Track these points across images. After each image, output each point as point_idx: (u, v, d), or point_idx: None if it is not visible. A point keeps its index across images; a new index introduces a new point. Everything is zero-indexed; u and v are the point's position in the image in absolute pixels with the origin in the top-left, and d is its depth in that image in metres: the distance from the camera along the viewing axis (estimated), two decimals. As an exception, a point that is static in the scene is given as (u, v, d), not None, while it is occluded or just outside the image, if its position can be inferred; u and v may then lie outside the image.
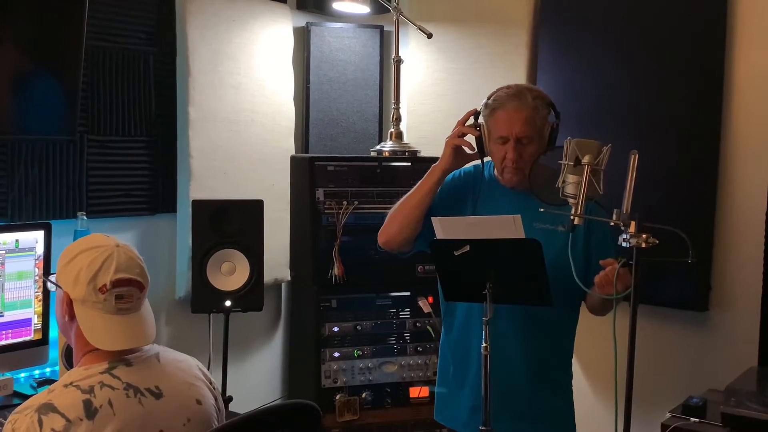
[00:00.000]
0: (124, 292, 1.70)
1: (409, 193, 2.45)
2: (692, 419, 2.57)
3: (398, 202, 2.47)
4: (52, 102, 2.71)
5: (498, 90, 2.36)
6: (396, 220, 2.44)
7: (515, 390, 2.35)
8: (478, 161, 2.41)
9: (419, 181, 2.44)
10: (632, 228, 1.93)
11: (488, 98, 2.35)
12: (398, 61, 3.43)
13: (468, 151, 2.39)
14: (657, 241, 1.93)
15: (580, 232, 2.29)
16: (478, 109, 2.37)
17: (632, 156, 1.97)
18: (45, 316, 2.55)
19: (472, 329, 2.32)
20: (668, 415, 2.62)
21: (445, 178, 2.42)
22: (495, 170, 2.42)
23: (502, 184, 2.37)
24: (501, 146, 2.29)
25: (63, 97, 2.72)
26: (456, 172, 2.47)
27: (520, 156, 2.27)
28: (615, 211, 1.97)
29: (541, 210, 2.13)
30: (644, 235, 1.92)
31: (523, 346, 2.34)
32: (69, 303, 1.71)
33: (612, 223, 1.98)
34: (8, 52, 2.55)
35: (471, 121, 2.38)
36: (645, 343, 2.71)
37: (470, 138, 2.36)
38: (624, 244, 1.95)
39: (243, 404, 2.91)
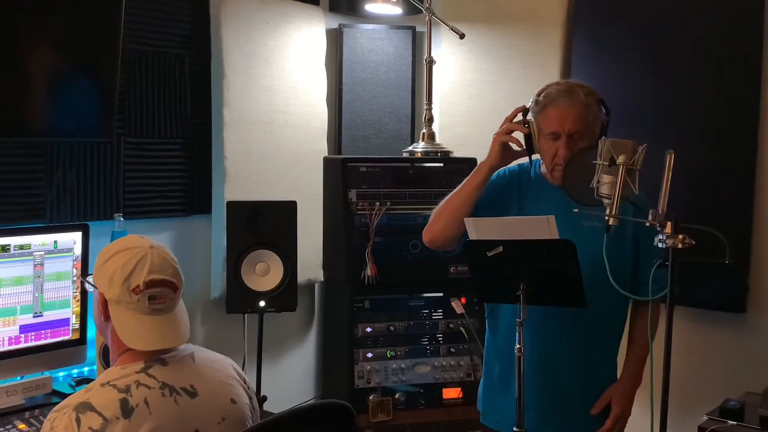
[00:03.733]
0: (158, 292, 1.71)
1: (454, 190, 2.41)
2: (729, 422, 2.53)
3: (443, 200, 2.43)
4: (89, 105, 2.75)
5: (548, 86, 2.33)
6: (441, 218, 2.40)
7: (565, 391, 2.33)
8: (524, 159, 2.38)
9: (465, 179, 2.40)
10: (668, 228, 1.91)
11: (538, 95, 2.32)
12: (430, 62, 3.42)
13: (515, 148, 2.35)
14: (694, 242, 1.90)
15: (629, 232, 2.28)
16: (527, 106, 2.34)
17: (668, 156, 1.95)
18: (83, 316, 2.59)
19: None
20: (705, 417, 2.59)
21: (492, 175, 2.38)
22: (543, 168, 2.39)
23: (549, 182, 2.34)
24: (552, 143, 2.26)
25: (100, 99, 2.76)
26: (501, 170, 2.43)
27: (572, 152, 2.22)
28: (651, 211, 1.95)
29: (575, 210, 2.11)
30: (681, 236, 1.90)
31: (573, 347, 2.32)
32: (104, 303, 1.73)
33: (648, 224, 1.96)
34: (46, 55, 2.60)
35: (519, 117, 2.34)
36: (681, 345, 2.68)
37: (518, 135, 2.33)
38: (660, 245, 1.93)
39: (277, 404, 2.93)
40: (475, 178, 2.37)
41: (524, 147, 2.33)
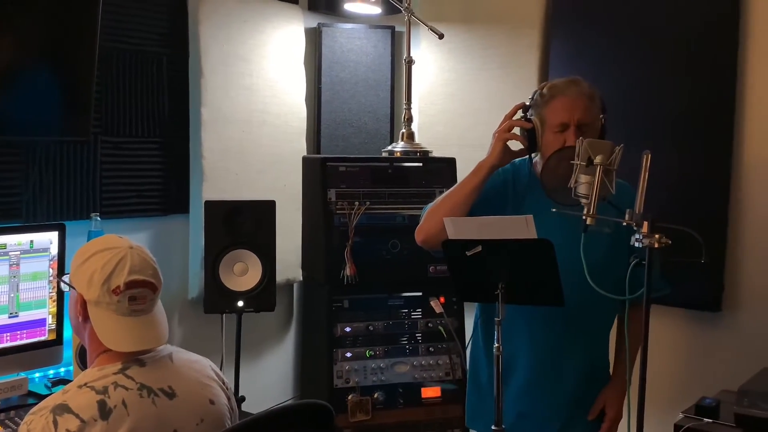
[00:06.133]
0: (138, 293, 1.70)
1: (451, 189, 2.34)
2: (705, 420, 2.56)
3: (439, 199, 2.35)
4: (65, 103, 2.72)
5: (549, 81, 2.31)
6: (437, 218, 2.28)
7: (565, 398, 2.33)
8: (517, 159, 2.35)
9: (464, 178, 2.33)
10: (645, 228, 1.92)
11: (541, 88, 2.28)
12: (409, 62, 3.43)
13: (516, 146, 2.30)
14: (670, 242, 1.92)
15: (625, 232, 2.27)
16: (526, 102, 2.31)
17: (645, 156, 1.97)
18: (59, 316, 2.57)
19: (515, 333, 2.24)
20: (681, 415, 2.61)
21: (492, 174, 2.30)
22: (537, 167, 2.35)
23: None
24: (559, 135, 2.21)
25: (77, 98, 2.73)
26: None
27: None
28: (628, 211, 1.96)
29: (553, 210, 2.12)
30: (657, 236, 1.91)
31: (572, 349, 2.32)
32: (83, 304, 1.72)
33: (624, 223, 1.97)
34: (22, 54, 2.57)
35: (519, 114, 2.30)
36: (658, 344, 2.70)
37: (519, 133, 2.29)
38: (637, 245, 1.95)
39: (256, 404, 2.92)
40: (475, 177, 2.29)
41: (526, 144, 2.28)
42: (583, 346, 2.34)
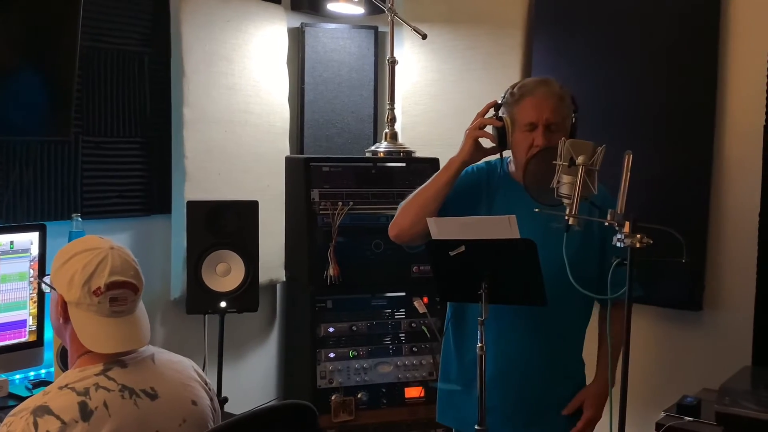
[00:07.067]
0: (119, 294, 1.70)
1: (423, 185, 2.38)
2: (686, 418, 2.58)
3: (411, 195, 2.41)
4: (46, 103, 2.70)
5: (521, 80, 2.36)
6: (409, 213, 2.36)
7: (531, 393, 2.34)
8: (494, 157, 2.38)
9: (435, 174, 2.38)
10: (627, 228, 1.94)
11: (512, 87, 2.33)
12: (393, 62, 3.43)
13: (487, 144, 2.33)
14: (651, 241, 1.93)
15: (596, 233, 2.29)
16: (499, 101, 2.34)
17: (626, 156, 1.98)
18: (40, 317, 2.55)
19: (486, 329, 2.23)
20: (662, 414, 2.63)
21: (463, 170, 2.35)
22: (511, 167, 2.39)
23: (518, 181, 2.29)
24: (528, 134, 2.26)
25: (58, 98, 2.71)
26: (469, 168, 2.41)
27: (549, 144, 2.20)
28: (609, 211, 1.98)
29: (536, 210, 2.13)
30: (638, 235, 1.93)
31: (540, 348, 2.33)
32: (63, 305, 1.71)
33: (606, 224, 1.98)
34: (1, 53, 2.55)
35: (491, 112, 2.34)
36: (639, 343, 2.72)
37: (490, 130, 2.32)
38: (618, 244, 1.96)
39: (238, 405, 2.91)
40: (445, 173, 2.34)
41: (497, 142, 2.32)
42: (552, 344, 2.35)
